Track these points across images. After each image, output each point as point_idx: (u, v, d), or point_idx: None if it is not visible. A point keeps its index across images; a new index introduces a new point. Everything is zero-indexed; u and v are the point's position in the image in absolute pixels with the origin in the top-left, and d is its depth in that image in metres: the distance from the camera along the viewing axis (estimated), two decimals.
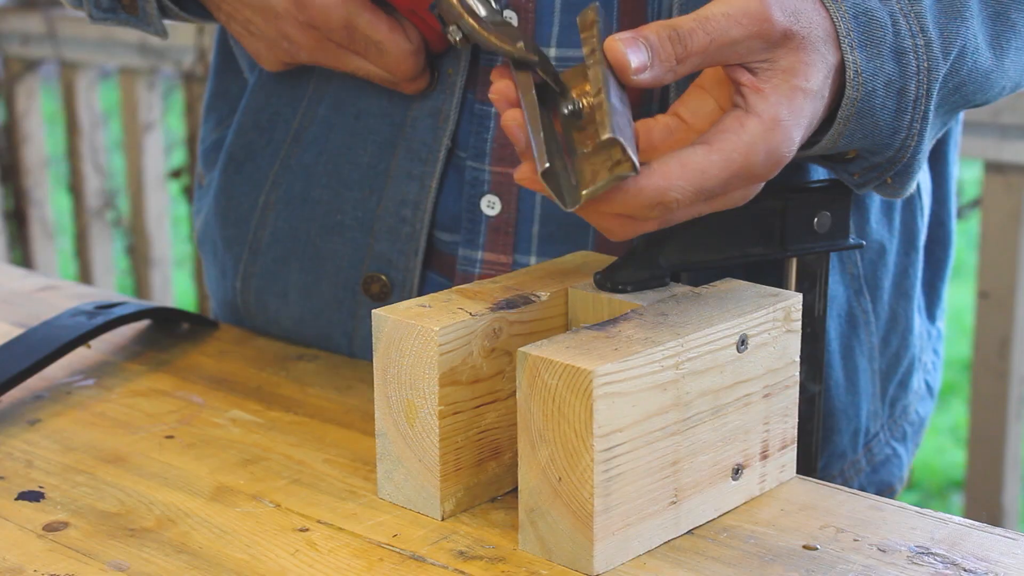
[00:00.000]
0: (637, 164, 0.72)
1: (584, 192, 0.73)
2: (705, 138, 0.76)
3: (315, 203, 1.02)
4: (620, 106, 0.73)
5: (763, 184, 0.80)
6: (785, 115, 0.76)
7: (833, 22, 0.79)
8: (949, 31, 0.82)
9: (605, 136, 0.71)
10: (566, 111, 0.76)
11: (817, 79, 0.78)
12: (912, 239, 1.04)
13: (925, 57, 0.81)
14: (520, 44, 0.79)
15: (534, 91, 0.76)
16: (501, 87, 0.77)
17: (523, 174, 0.75)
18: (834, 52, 0.79)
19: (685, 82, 0.89)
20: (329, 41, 0.92)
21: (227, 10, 0.96)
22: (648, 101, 0.92)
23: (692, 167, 0.74)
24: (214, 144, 1.13)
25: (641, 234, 0.78)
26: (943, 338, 1.17)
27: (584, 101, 0.76)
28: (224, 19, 0.97)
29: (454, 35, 0.84)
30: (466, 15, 0.83)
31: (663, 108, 0.91)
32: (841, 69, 0.79)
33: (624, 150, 0.71)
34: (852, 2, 0.79)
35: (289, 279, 1.04)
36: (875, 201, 1.00)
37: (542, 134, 0.74)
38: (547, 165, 0.73)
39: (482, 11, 0.84)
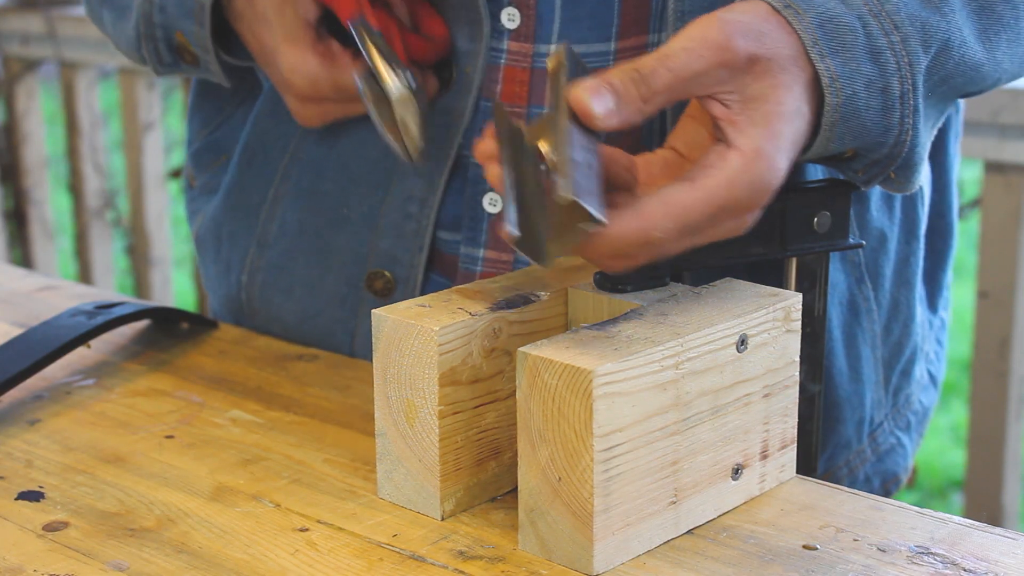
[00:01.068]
0: (602, 218, 0.71)
1: (555, 253, 0.73)
2: (689, 175, 0.76)
3: (323, 196, 1.02)
4: (584, 156, 0.73)
5: (758, 212, 0.80)
6: (765, 145, 0.76)
7: (799, 35, 0.78)
8: (928, 25, 0.82)
9: (564, 200, 0.70)
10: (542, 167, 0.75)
11: (791, 101, 0.78)
12: (913, 228, 1.05)
13: (904, 53, 0.81)
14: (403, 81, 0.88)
15: (511, 147, 0.76)
16: (484, 148, 0.78)
17: (504, 232, 0.75)
18: (805, 67, 0.79)
19: (681, 108, 0.89)
20: (328, 103, 0.95)
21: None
22: (648, 131, 0.92)
23: (673, 205, 0.75)
24: (205, 146, 1.13)
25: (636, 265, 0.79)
26: (947, 328, 1.17)
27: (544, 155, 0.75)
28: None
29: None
30: (368, 41, 0.90)
31: (663, 137, 0.92)
32: (817, 81, 0.79)
33: (583, 210, 0.71)
34: (815, 12, 0.79)
35: (295, 274, 1.05)
36: (875, 190, 1.01)
37: (514, 195, 0.74)
38: (517, 234, 0.73)
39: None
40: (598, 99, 0.74)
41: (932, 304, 1.13)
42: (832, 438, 1.03)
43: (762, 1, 0.79)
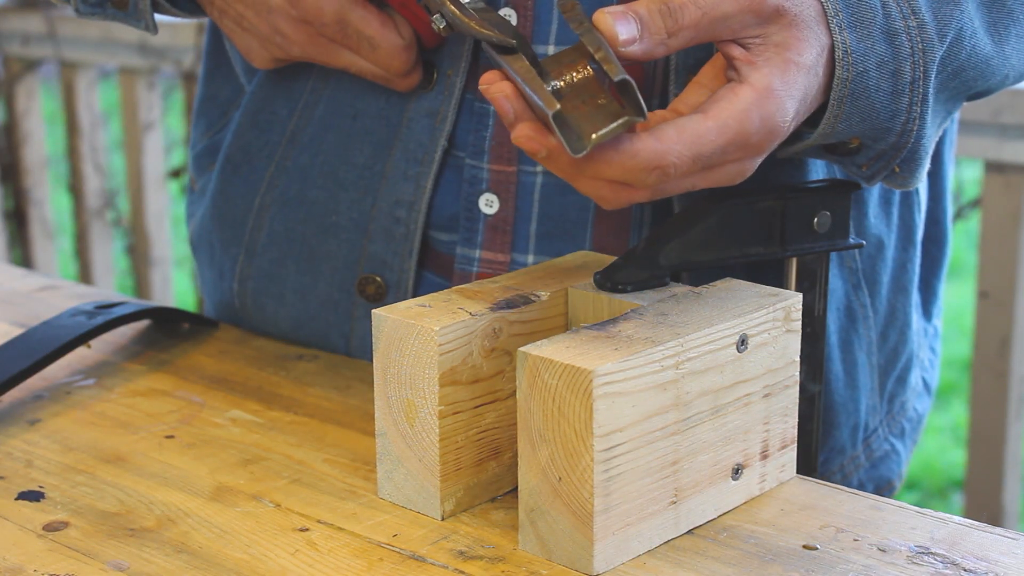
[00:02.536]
0: (645, 108, 0.72)
1: (594, 136, 0.73)
2: (701, 108, 0.77)
3: (311, 204, 1.02)
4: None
5: (759, 160, 0.80)
6: (778, 85, 0.77)
7: (822, 3, 0.79)
8: (943, 14, 0.83)
9: (619, 77, 0.72)
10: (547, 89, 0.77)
11: (810, 55, 0.79)
12: (910, 234, 1.05)
13: (919, 39, 0.82)
14: (499, 30, 0.80)
15: (525, 60, 0.77)
16: (489, 76, 0.78)
17: (521, 131, 0.76)
18: (826, 33, 0.80)
19: (685, 76, 0.89)
20: (321, 36, 0.93)
21: (219, 5, 0.96)
22: (648, 96, 0.92)
23: (689, 132, 0.75)
24: (206, 149, 1.13)
25: (634, 203, 0.79)
26: (940, 336, 1.17)
27: (563, 81, 0.77)
28: (216, 15, 0.97)
29: (438, 23, 0.85)
30: (448, 2, 0.84)
31: (663, 103, 0.92)
32: (833, 52, 0.80)
33: (633, 91, 0.72)
34: None
35: (286, 281, 1.04)
36: (873, 196, 1.01)
37: (545, 85, 0.74)
38: (558, 107, 0.73)
39: None
40: (623, 24, 0.74)
41: (927, 311, 1.13)
42: (827, 443, 1.03)
43: None
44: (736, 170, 0.80)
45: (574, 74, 0.77)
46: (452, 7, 0.84)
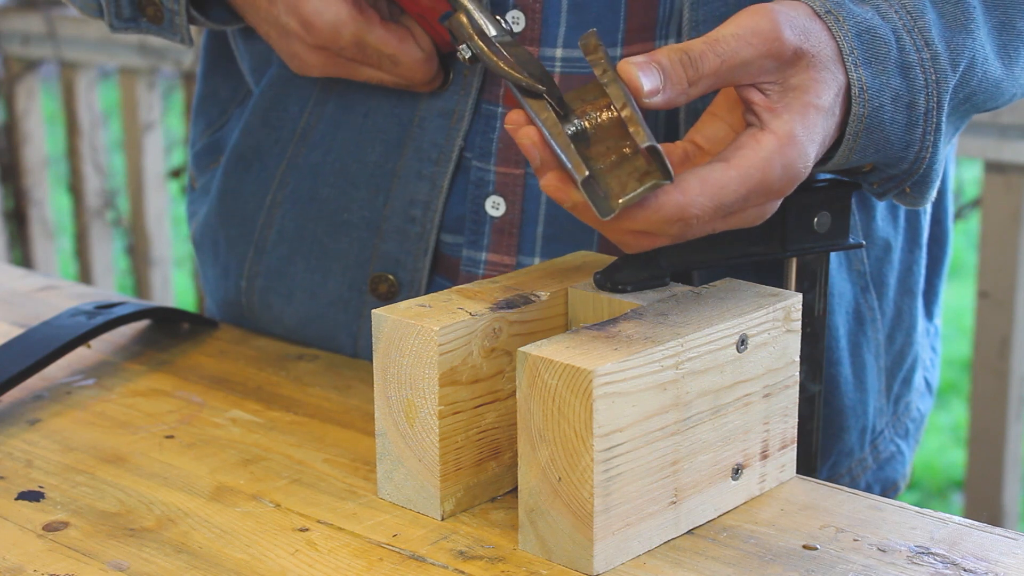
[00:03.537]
0: (672, 172, 0.72)
1: (621, 200, 0.73)
2: (723, 155, 0.77)
3: (322, 202, 1.02)
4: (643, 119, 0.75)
5: (779, 202, 0.80)
6: (799, 131, 0.77)
7: (837, 41, 0.79)
8: (956, 44, 0.83)
9: (646, 144, 0.72)
10: (568, 132, 0.76)
11: (828, 96, 0.78)
12: (916, 236, 1.05)
13: (932, 70, 0.82)
14: (527, 73, 0.79)
15: (551, 112, 0.77)
16: (515, 116, 0.78)
17: (550, 182, 0.76)
18: (842, 72, 0.80)
19: (693, 108, 0.89)
20: (339, 58, 0.93)
21: (251, 21, 0.96)
22: (652, 126, 0.92)
23: (711, 183, 0.75)
24: (206, 147, 1.12)
25: (655, 247, 0.79)
26: (940, 335, 1.17)
27: (588, 121, 0.76)
28: (253, 25, 0.98)
29: (463, 54, 0.84)
30: (476, 37, 0.83)
31: (669, 132, 0.92)
32: (848, 89, 0.80)
33: (660, 157, 0.72)
34: (854, 21, 0.80)
35: (295, 278, 1.04)
36: None
37: (572, 145, 0.74)
38: (587, 173, 0.73)
39: (492, 31, 0.84)
40: (647, 75, 0.74)
41: (928, 311, 1.14)
42: (836, 446, 1.03)
43: (804, 3, 0.80)
44: (757, 213, 0.79)
45: (599, 115, 0.77)
46: (480, 42, 0.83)
